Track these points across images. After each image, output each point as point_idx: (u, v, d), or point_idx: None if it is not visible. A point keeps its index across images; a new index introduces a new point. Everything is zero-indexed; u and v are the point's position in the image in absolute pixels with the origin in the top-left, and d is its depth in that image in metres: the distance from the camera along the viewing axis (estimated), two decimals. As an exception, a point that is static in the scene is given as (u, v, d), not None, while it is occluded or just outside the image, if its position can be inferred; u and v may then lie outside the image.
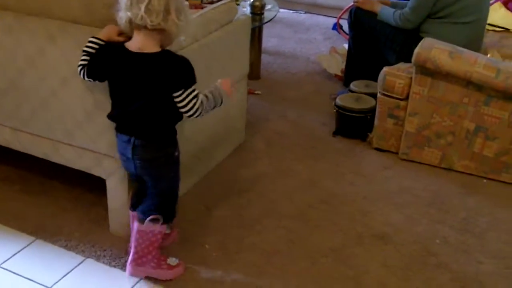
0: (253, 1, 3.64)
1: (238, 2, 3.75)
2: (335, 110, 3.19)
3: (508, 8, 3.85)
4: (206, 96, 2.00)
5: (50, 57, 2.13)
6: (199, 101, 1.96)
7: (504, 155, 2.78)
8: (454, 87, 2.74)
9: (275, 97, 3.68)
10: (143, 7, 1.81)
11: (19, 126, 2.38)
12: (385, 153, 3.06)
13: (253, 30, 3.58)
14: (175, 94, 1.92)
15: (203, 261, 2.25)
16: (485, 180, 2.86)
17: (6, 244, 2.30)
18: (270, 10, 3.84)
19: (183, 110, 1.96)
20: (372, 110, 3.08)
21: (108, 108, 2.07)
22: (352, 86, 3.36)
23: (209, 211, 2.55)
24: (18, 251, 2.27)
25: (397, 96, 2.89)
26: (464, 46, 2.88)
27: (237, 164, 2.90)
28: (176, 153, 2.07)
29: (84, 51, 1.97)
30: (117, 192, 2.28)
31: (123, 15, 1.87)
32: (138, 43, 1.89)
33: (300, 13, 5.29)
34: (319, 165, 2.95)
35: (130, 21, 1.86)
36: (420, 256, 2.34)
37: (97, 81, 2.01)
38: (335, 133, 3.22)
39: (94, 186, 2.51)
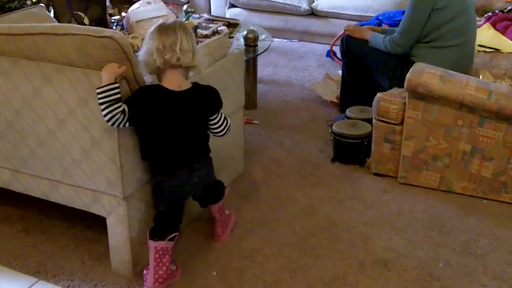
0: (246, 33, 3.68)
1: (232, 35, 3.80)
2: (332, 137, 3.21)
3: (496, 29, 3.89)
4: None
5: (46, 98, 2.15)
6: (228, 121, 2.36)
7: (502, 175, 2.79)
8: (448, 110, 2.76)
9: (272, 125, 3.70)
10: (177, 49, 2.09)
11: (18, 167, 2.40)
12: (383, 177, 3.07)
13: (247, 61, 3.62)
14: (213, 117, 2.28)
15: (206, 295, 2.25)
16: (485, 201, 2.87)
17: (9, 286, 2.30)
18: (264, 40, 3.88)
19: (217, 130, 2.32)
20: (369, 136, 3.09)
21: (105, 145, 2.09)
22: (348, 112, 3.39)
23: (209, 243, 2.55)
24: (21, 293, 2.27)
25: (392, 121, 2.91)
26: (454, 68, 2.92)
27: (237, 194, 2.91)
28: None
29: (110, 101, 2.01)
30: (118, 229, 2.28)
31: (156, 58, 2.10)
32: (177, 82, 2.16)
33: (294, 41, 5.34)
34: (318, 192, 2.96)
35: (165, 63, 2.11)
36: (423, 281, 2.33)
37: (129, 125, 2.11)
38: (333, 160, 3.24)
39: (94, 223, 2.52)
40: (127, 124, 2.07)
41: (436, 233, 2.63)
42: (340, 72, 3.93)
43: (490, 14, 4.16)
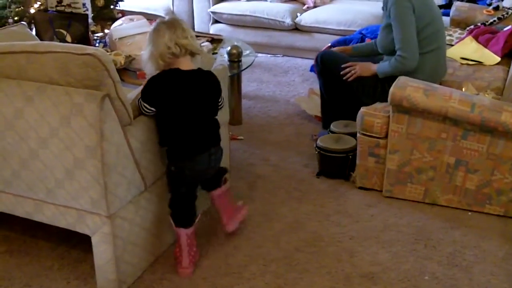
0: (230, 49, 3.68)
1: (215, 51, 3.80)
2: (316, 152, 3.22)
3: (479, 42, 3.93)
4: None
5: (28, 118, 2.13)
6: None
7: (486, 187, 2.80)
8: (431, 123, 2.78)
9: (257, 141, 3.70)
10: (188, 35, 2.37)
11: (1, 188, 2.38)
12: (369, 191, 3.07)
13: (232, 77, 3.63)
14: (220, 99, 2.52)
15: (192, 313, 2.24)
16: (469, 213, 2.88)
17: (-8, 308, 2.28)
18: (248, 55, 3.89)
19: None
20: (353, 150, 3.10)
21: (88, 164, 2.08)
22: (332, 127, 3.39)
23: (197, 260, 2.53)
24: (4, 315, 2.24)
25: (376, 135, 2.92)
26: (432, 73, 3.00)
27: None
28: None
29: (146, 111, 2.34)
30: (103, 248, 2.26)
31: (172, 47, 2.32)
32: (189, 66, 2.38)
33: (278, 56, 5.36)
34: (304, 207, 2.96)
35: (180, 50, 2.33)
36: (409, 294, 2.34)
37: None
38: (318, 174, 3.24)
39: (79, 242, 2.50)
40: (147, 107, 2.33)
41: (422, 246, 2.64)
42: (323, 87, 3.92)
43: (472, 27, 4.20)
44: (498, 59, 3.79)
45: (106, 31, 3.91)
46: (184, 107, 2.34)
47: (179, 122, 2.35)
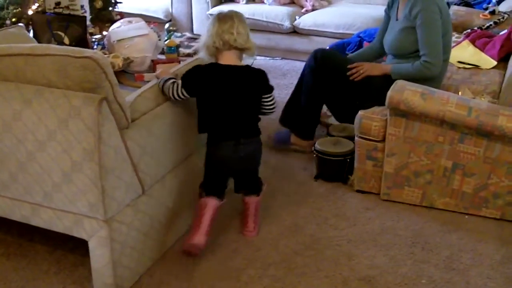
0: (228, 51, 3.67)
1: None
2: (315, 155, 3.22)
3: (476, 46, 3.94)
4: None
5: (26, 121, 2.13)
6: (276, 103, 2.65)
7: (483, 190, 2.81)
8: (429, 126, 2.78)
9: (255, 144, 3.69)
10: (234, 31, 2.46)
11: (-2, 191, 2.38)
12: (366, 194, 3.08)
13: (230, 79, 3.61)
14: (266, 96, 2.57)
15: (189, 317, 2.23)
16: (466, 216, 2.89)
17: (-11, 311, 2.27)
18: (247, 58, 3.88)
19: (268, 108, 2.61)
20: (351, 153, 3.11)
21: (85, 167, 2.08)
22: (331, 130, 3.40)
23: (194, 263, 2.53)
24: (1, 318, 2.24)
25: (374, 138, 2.93)
26: (438, 82, 3.04)
27: (221, 213, 2.89)
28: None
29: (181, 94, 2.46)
30: (100, 252, 2.25)
31: (216, 40, 2.47)
32: (231, 61, 2.51)
33: (277, 59, 5.37)
34: (302, 210, 2.96)
35: (223, 44, 2.46)
36: (406, 297, 2.34)
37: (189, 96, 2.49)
38: (316, 177, 3.24)
39: (77, 246, 2.50)
40: (184, 93, 2.45)
41: (419, 249, 2.64)
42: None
43: (469, 31, 4.21)
44: (495, 63, 3.80)
45: (105, 33, 3.92)
46: (214, 99, 2.46)
47: (210, 112, 2.49)
